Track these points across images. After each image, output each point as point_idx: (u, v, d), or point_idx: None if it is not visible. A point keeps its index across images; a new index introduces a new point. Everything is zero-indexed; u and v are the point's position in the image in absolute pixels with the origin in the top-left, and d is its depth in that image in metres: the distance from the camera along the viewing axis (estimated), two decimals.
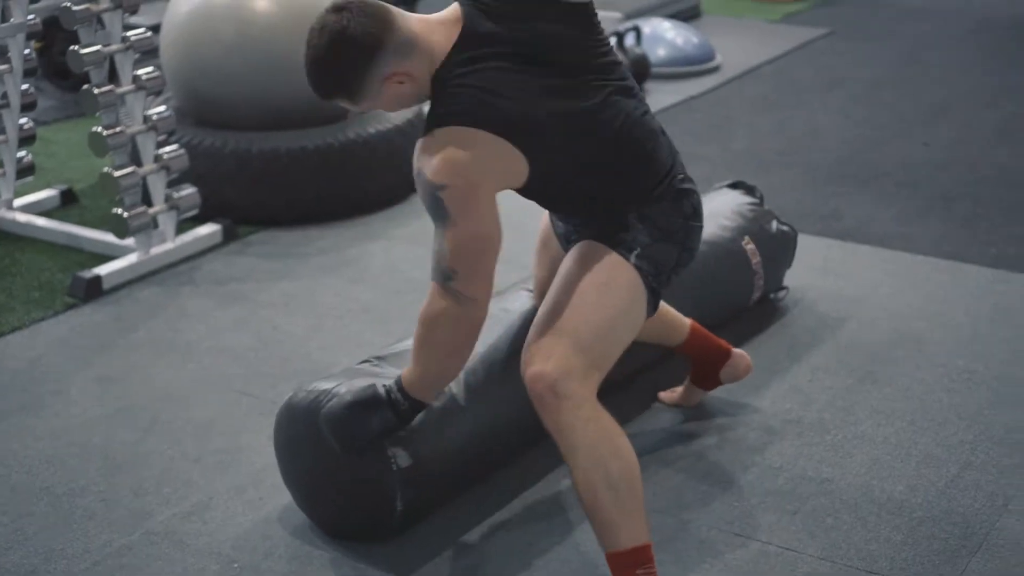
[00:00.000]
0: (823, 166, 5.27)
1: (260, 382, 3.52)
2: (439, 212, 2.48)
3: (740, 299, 3.75)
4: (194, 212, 4.34)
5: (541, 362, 2.51)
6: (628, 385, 3.37)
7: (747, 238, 3.71)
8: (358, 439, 2.66)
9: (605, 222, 2.65)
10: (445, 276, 2.49)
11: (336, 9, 2.49)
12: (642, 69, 6.23)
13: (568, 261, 2.66)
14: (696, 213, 2.72)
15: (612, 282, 2.59)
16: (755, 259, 3.71)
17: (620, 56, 6.04)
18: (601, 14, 2.71)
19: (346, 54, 2.48)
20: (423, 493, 2.79)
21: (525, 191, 2.63)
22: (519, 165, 2.53)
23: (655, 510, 2.92)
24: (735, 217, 3.77)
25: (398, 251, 4.39)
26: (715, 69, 6.67)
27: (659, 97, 6.17)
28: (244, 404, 3.41)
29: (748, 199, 3.88)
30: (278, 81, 4.62)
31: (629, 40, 6.30)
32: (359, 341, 3.70)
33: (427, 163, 2.47)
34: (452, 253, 2.47)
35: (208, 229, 4.41)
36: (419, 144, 2.52)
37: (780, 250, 3.86)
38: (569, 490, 2.99)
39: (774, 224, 3.84)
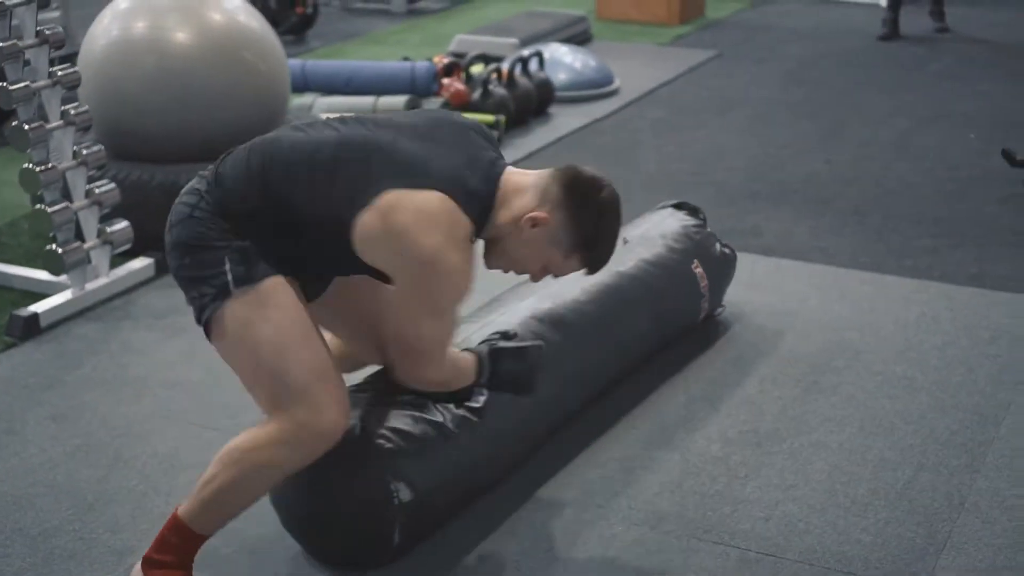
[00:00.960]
0: (733, 185, 5.42)
1: (218, 414, 3.51)
2: None
3: (690, 319, 3.86)
4: (127, 246, 4.30)
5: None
6: (585, 411, 3.45)
7: (696, 262, 3.82)
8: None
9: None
10: None
11: (602, 179, 2.79)
12: (546, 93, 6.34)
13: (359, 289, 2.85)
14: None
15: None
16: (703, 282, 3.83)
17: (525, 81, 6.17)
18: (499, 40, 2.84)
19: None
20: (421, 525, 2.82)
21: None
22: None
23: (634, 523, 3.00)
24: (683, 239, 3.87)
25: None
26: (614, 92, 6.80)
27: (565, 120, 6.28)
28: (205, 437, 3.40)
29: (692, 220, 3.98)
30: (201, 113, 4.61)
31: (533, 65, 6.40)
32: None
33: None
34: None
35: (141, 263, 4.38)
36: None
37: (723, 271, 3.98)
38: (548, 513, 3.05)
39: (717, 246, 3.95)
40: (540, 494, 3.12)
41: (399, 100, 5.77)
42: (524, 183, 2.72)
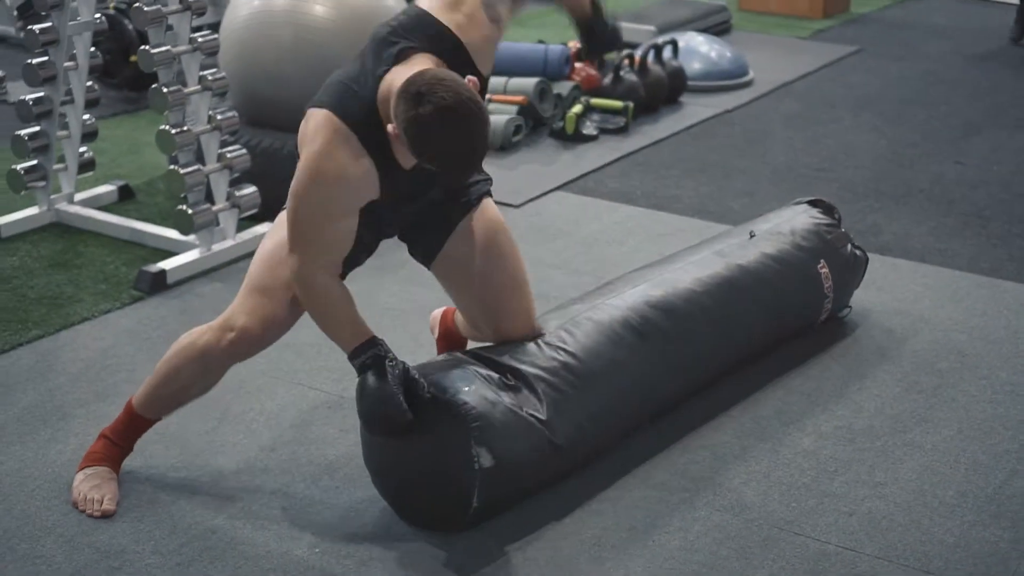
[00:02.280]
0: (859, 182, 5.39)
1: (324, 377, 3.64)
2: None
3: (810, 319, 3.85)
4: (254, 211, 4.46)
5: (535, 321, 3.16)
6: (687, 400, 3.50)
7: (822, 262, 3.82)
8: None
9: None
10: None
11: (443, 87, 2.58)
12: (678, 82, 6.36)
13: (485, 233, 3.07)
14: None
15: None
16: (827, 283, 3.81)
17: (657, 69, 6.21)
18: (635, 27, 2.92)
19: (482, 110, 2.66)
20: (500, 493, 2.91)
21: None
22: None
23: (716, 509, 3.05)
24: (812, 237, 3.85)
25: None
26: (748, 84, 6.79)
27: (695, 110, 6.30)
28: (311, 397, 3.53)
29: (826, 219, 3.96)
30: None
31: (667, 53, 6.42)
32: (419, 340, 3.81)
33: None
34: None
35: (267, 228, 4.51)
36: None
37: (851, 273, 3.96)
38: (634, 495, 3.11)
39: (848, 247, 3.93)
40: (629, 476, 3.18)
41: (530, 82, 5.84)
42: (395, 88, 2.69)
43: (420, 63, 2.74)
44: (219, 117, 4.34)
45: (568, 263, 4.45)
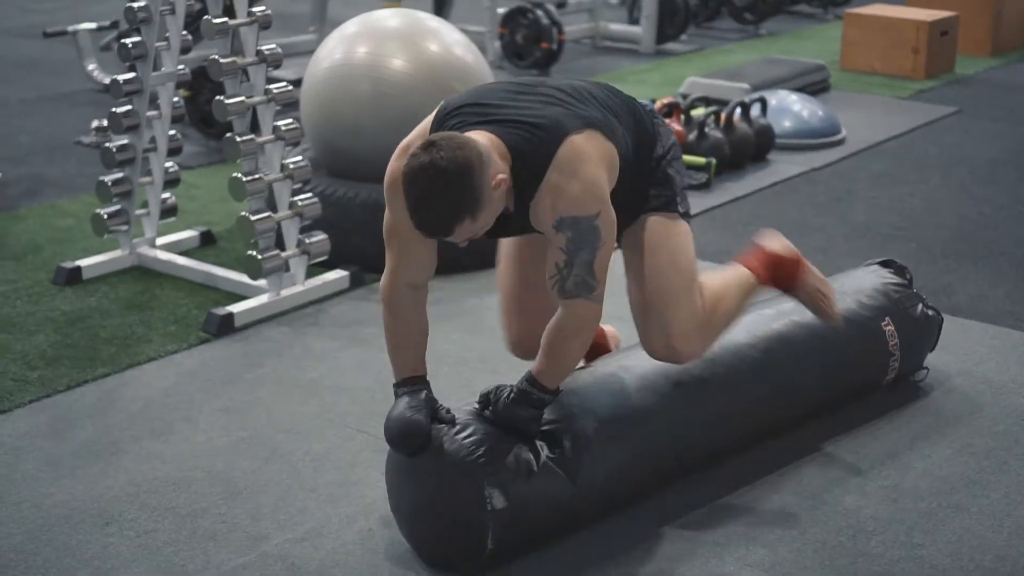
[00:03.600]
0: (939, 242, 5.32)
1: (375, 421, 3.68)
2: (591, 240, 2.83)
3: (871, 378, 3.80)
4: (324, 258, 4.56)
5: (686, 345, 3.15)
6: (735, 453, 3.48)
7: (887, 319, 3.77)
8: (517, 428, 3.01)
9: (645, 191, 3.13)
10: (591, 289, 2.88)
11: (426, 149, 2.73)
12: (765, 139, 6.35)
13: (638, 243, 3.13)
14: (670, 136, 3.23)
15: (682, 242, 3.15)
16: (893, 340, 3.76)
17: (744, 126, 6.21)
18: (729, 84, 2.99)
19: (463, 179, 2.71)
20: (515, 535, 2.94)
21: None
22: (615, 160, 2.99)
23: (748, 564, 3.03)
24: (877, 296, 3.81)
25: None
26: (840, 142, 6.75)
27: (782, 167, 6.28)
28: (358, 440, 3.59)
29: (895, 279, 3.92)
30: None
31: (755, 111, 6.42)
32: (472, 388, 3.83)
33: (578, 199, 2.83)
34: (600, 270, 2.86)
35: (336, 275, 4.62)
36: (556, 196, 2.84)
37: (923, 333, 3.89)
38: (663, 547, 3.11)
39: (919, 307, 3.87)
40: (659, 527, 3.18)
41: None
42: None
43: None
44: (291, 166, 4.45)
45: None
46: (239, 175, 4.34)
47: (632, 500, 3.22)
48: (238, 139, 4.32)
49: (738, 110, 6.32)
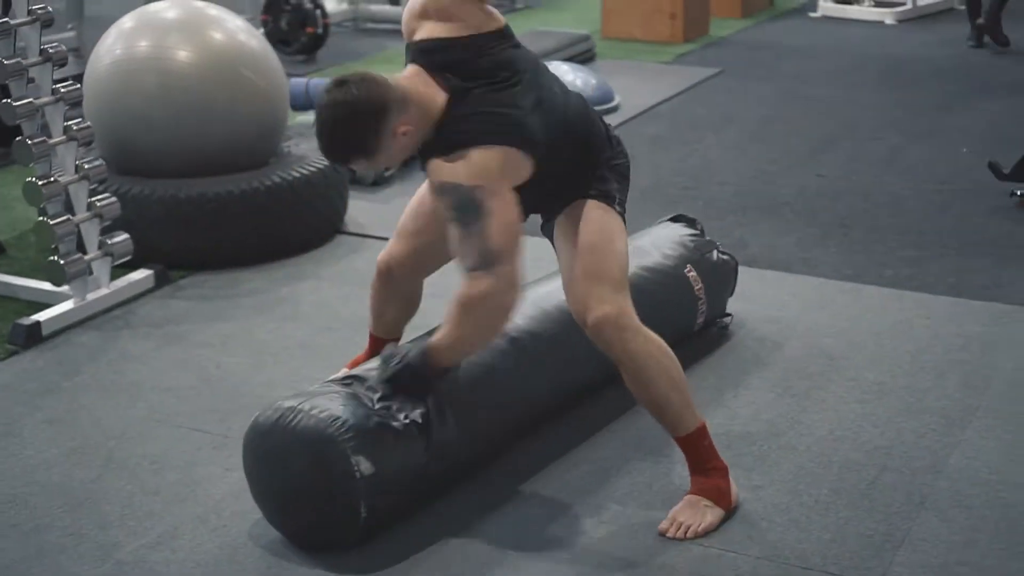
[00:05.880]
0: (724, 198, 5.53)
1: (208, 418, 3.64)
2: (472, 209, 2.87)
3: (685, 324, 3.94)
4: (127, 258, 4.45)
5: (599, 307, 3.04)
6: (568, 413, 3.57)
7: (689, 266, 3.92)
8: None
9: (584, 185, 3.15)
10: (488, 262, 2.90)
11: (338, 84, 2.89)
12: None
13: (573, 222, 3.14)
14: (624, 151, 3.31)
15: (617, 228, 3.15)
16: (697, 286, 3.92)
17: None
18: None
19: (363, 119, 2.85)
20: (386, 501, 2.98)
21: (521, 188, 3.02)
22: (527, 169, 2.98)
23: (602, 521, 3.12)
24: (677, 247, 3.97)
25: (327, 290, 4.54)
26: (615, 109, 6.92)
27: None
28: (195, 439, 3.53)
29: (689, 231, 4.08)
30: (201, 128, 4.77)
31: None
32: (301, 376, 3.83)
33: (458, 173, 2.88)
34: (494, 237, 2.89)
35: (140, 274, 4.51)
36: (443, 163, 2.91)
37: (722, 278, 4.07)
38: (521, 510, 3.17)
39: (715, 253, 4.05)
40: (515, 490, 3.25)
41: None
42: None
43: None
44: (86, 166, 4.33)
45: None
46: (33, 179, 4.19)
47: (487, 459, 3.28)
48: (29, 142, 4.17)
49: None
